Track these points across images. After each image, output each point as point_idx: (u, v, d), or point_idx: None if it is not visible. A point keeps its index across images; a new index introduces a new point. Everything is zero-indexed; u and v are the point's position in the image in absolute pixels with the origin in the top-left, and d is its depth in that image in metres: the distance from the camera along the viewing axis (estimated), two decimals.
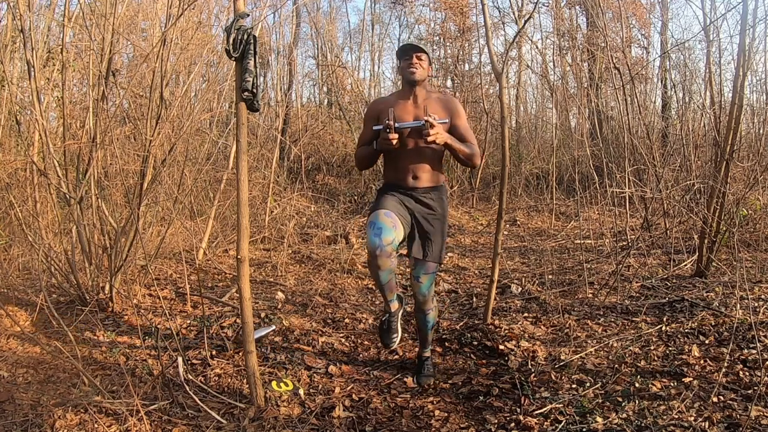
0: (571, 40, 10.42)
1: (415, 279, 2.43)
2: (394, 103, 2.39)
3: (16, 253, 3.68)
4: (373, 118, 2.43)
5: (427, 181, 2.38)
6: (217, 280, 4.26)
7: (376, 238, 2.12)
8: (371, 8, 14.29)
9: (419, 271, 2.41)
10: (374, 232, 2.14)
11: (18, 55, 4.29)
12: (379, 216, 2.19)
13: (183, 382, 2.30)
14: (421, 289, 2.43)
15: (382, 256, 2.13)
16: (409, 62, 2.33)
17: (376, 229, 2.14)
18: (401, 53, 2.37)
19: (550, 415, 2.11)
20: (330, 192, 8.50)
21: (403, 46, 2.38)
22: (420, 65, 2.34)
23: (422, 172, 2.38)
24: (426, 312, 2.52)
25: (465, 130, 2.40)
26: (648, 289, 3.70)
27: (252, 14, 4.33)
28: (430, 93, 2.42)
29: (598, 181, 6.50)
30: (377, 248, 2.12)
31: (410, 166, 2.37)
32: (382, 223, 2.16)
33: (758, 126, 6.65)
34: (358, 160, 2.52)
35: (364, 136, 2.48)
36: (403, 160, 2.38)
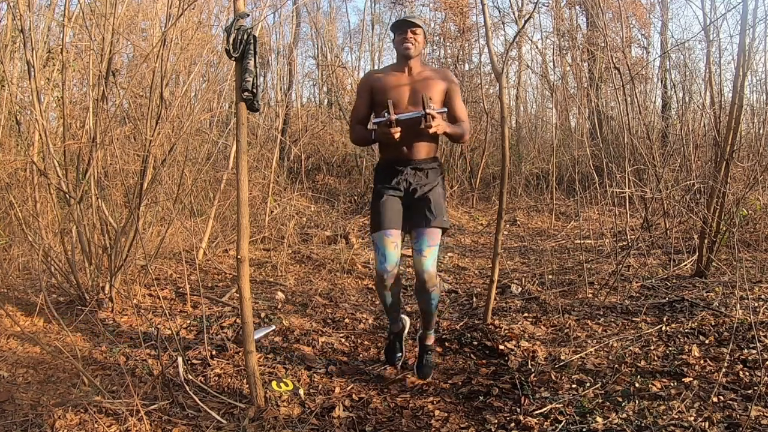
0: (571, 40, 10.42)
1: (418, 252, 2.31)
2: (389, 76, 2.40)
3: (16, 253, 3.68)
4: (366, 91, 2.44)
5: (422, 154, 2.41)
6: (217, 280, 4.26)
7: (383, 265, 2.30)
8: (371, 8, 14.30)
9: (422, 243, 2.31)
10: (380, 259, 2.31)
11: (18, 55, 4.28)
12: (383, 241, 2.31)
13: (183, 382, 2.30)
14: (425, 264, 2.30)
15: (389, 279, 2.33)
16: (404, 37, 2.35)
17: (381, 256, 2.31)
18: (395, 28, 2.39)
19: (550, 415, 2.11)
20: (330, 192, 8.50)
21: (398, 21, 2.39)
22: (415, 39, 2.35)
23: (418, 146, 2.39)
24: (430, 290, 2.37)
25: (459, 108, 2.45)
26: (648, 289, 3.70)
27: (252, 14, 4.33)
28: (425, 66, 2.45)
29: (598, 181, 6.50)
30: (384, 273, 2.31)
31: (406, 144, 2.38)
32: (386, 248, 2.30)
33: (758, 126, 6.66)
34: (355, 139, 2.54)
35: (359, 108, 2.48)
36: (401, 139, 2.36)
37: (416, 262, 2.34)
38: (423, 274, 2.32)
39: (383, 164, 2.49)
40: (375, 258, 2.36)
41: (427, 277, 2.32)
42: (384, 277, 2.31)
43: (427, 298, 2.42)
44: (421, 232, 2.33)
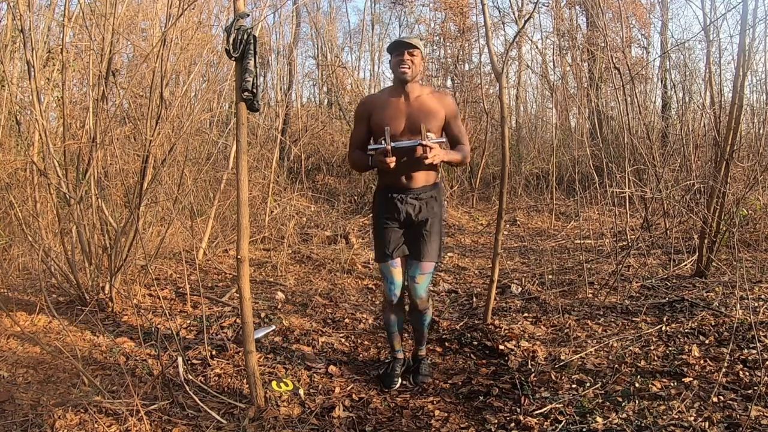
0: (571, 40, 10.42)
1: (411, 279, 2.43)
2: (386, 102, 2.34)
3: (16, 253, 3.68)
4: (364, 117, 2.39)
5: (421, 181, 2.37)
6: (217, 280, 4.26)
7: (392, 291, 2.46)
8: (371, 8, 14.31)
9: (416, 271, 2.41)
10: (390, 287, 2.46)
11: (18, 55, 4.28)
12: (390, 270, 2.44)
13: (183, 382, 2.30)
14: (417, 290, 2.43)
15: (396, 304, 2.50)
16: (401, 59, 2.26)
17: (390, 284, 2.45)
18: (391, 49, 2.30)
19: (550, 415, 2.11)
20: (330, 192, 8.50)
21: (394, 42, 2.29)
22: (412, 62, 2.26)
23: (417, 176, 2.37)
24: (423, 311, 2.53)
25: (459, 131, 2.42)
26: (648, 289, 3.70)
27: (252, 14, 4.33)
28: (423, 89, 2.37)
29: (598, 181, 6.50)
30: (394, 298, 2.47)
31: (404, 171, 2.36)
32: (393, 277, 2.44)
33: (758, 126, 6.66)
34: (353, 165, 2.54)
35: (356, 135, 2.45)
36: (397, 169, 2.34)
37: (410, 286, 2.48)
38: (416, 299, 2.47)
39: (382, 190, 2.47)
40: (384, 285, 2.50)
41: (419, 302, 2.48)
42: (393, 301, 2.48)
43: (419, 318, 2.57)
44: (415, 262, 2.42)
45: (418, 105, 2.31)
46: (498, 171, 6.90)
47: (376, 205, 2.48)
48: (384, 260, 2.44)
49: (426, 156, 2.20)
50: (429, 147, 2.19)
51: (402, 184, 2.36)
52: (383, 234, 2.43)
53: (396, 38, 2.37)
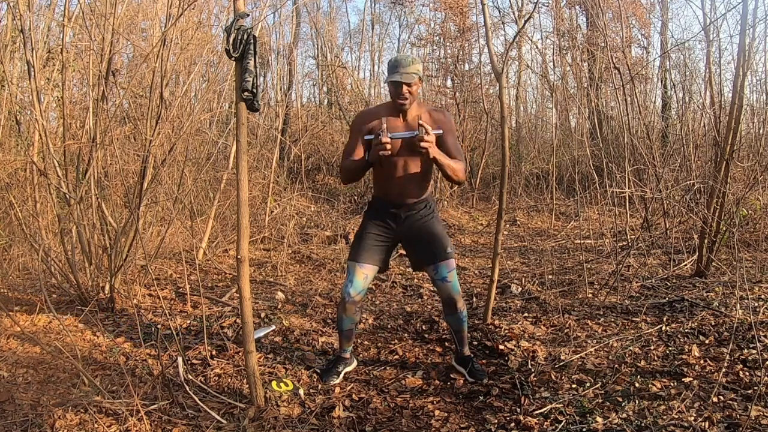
0: (571, 40, 10.42)
1: (443, 281, 2.46)
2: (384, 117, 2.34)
3: (16, 253, 3.68)
4: (360, 130, 2.39)
5: (414, 195, 2.45)
6: (217, 280, 4.26)
7: (348, 289, 2.44)
8: (371, 8, 14.33)
9: (443, 272, 2.45)
10: (347, 284, 2.45)
11: (18, 55, 4.28)
12: (355, 270, 2.44)
13: (183, 382, 2.30)
14: (452, 288, 2.46)
15: (350, 305, 2.46)
16: (399, 92, 2.28)
17: (349, 281, 2.45)
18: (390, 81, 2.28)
19: (550, 415, 2.11)
20: (330, 192, 8.50)
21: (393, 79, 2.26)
22: (410, 92, 2.29)
23: (411, 187, 2.43)
24: (459, 310, 2.52)
25: (453, 147, 2.40)
26: (648, 289, 3.70)
27: (252, 14, 4.33)
28: (420, 108, 2.39)
29: (598, 181, 6.51)
30: (347, 297, 2.44)
31: (399, 181, 2.39)
32: (355, 277, 2.44)
33: (758, 126, 6.66)
34: (345, 173, 2.47)
35: (350, 147, 2.43)
36: (392, 175, 2.39)
37: (443, 289, 2.49)
38: (452, 298, 2.49)
39: (376, 200, 2.52)
40: (344, 281, 2.49)
41: (456, 298, 2.50)
42: (346, 300, 2.44)
43: (458, 318, 2.55)
44: (438, 265, 2.45)
45: (415, 124, 2.33)
46: (498, 171, 6.90)
47: (371, 209, 2.55)
48: (352, 258, 2.45)
49: (422, 138, 2.18)
50: (426, 131, 2.19)
51: (395, 197, 2.44)
52: (366, 235, 2.47)
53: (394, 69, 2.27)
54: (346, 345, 2.63)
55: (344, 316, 2.52)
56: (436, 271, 2.46)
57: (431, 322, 3.30)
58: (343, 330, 2.57)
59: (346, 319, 2.53)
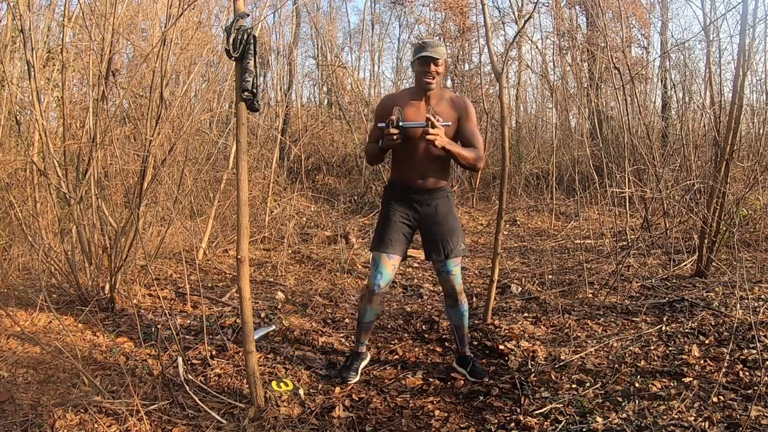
0: (571, 40, 10.42)
1: (447, 273, 2.48)
2: (406, 102, 2.40)
3: (16, 253, 3.68)
4: (383, 114, 2.42)
5: (432, 183, 2.45)
6: (217, 280, 4.26)
7: (377, 281, 2.43)
8: (371, 8, 14.32)
9: (450, 266, 2.47)
10: (376, 276, 2.43)
11: (18, 55, 4.28)
12: (383, 260, 2.43)
13: (183, 382, 2.30)
14: (454, 282, 2.49)
15: (377, 296, 2.47)
16: (427, 71, 2.33)
17: (378, 273, 2.43)
18: (421, 60, 2.33)
19: (550, 415, 2.11)
20: (330, 192, 8.50)
21: (423, 55, 2.31)
22: (437, 72, 2.34)
23: (428, 174, 2.43)
24: (461, 304, 2.55)
25: (471, 133, 2.43)
26: (648, 289, 3.70)
27: (252, 14, 4.33)
28: (443, 93, 2.45)
29: (598, 181, 6.50)
30: (377, 288, 2.44)
31: (417, 166, 2.42)
32: (384, 268, 2.43)
33: (758, 126, 6.67)
34: (367, 156, 2.60)
35: (373, 132, 2.51)
36: (410, 160, 2.42)
37: (445, 281, 2.52)
38: (454, 290, 2.52)
39: (394, 185, 2.53)
40: (371, 273, 2.47)
41: (458, 290, 2.53)
42: (376, 292, 2.44)
43: (459, 312, 2.58)
44: (446, 259, 2.46)
45: (437, 108, 2.37)
46: (498, 171, 6.90)
47: (388, 195, 2.54)
48: (381, 249, 2.43)
49: (428, 131, 2.19)
50: (433, 123, 2.20)
51: (415, 184, 2.44)
52: (388, 225, 2.46)
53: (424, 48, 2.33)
54: (364, 338, 2.62)
55: (369, 308, 2.51)
56: (443, 264, 2.47)
57: (431, 322, 3.30)
58: (365, 322, 2.56)
59: (370, 311, 2.52)
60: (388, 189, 2.57)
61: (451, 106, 2.41)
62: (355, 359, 2.60)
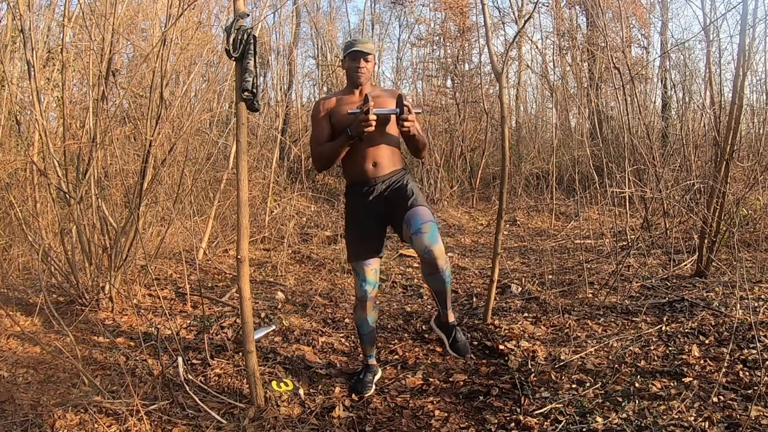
0: (571, 40, 10.42)
1: (417, 232, 2.16)
2: (344, 102, 2.40)
3: (16, 253, 3.68)
4: (324, 117, 2.42)
5: (387, 167, 2.38)
6: (217, 280, 4.26)
7: (364, 288, 2.38)
8: (371, 8, 14.28)
9: (417, 222, 2.18)
10: (361, 284, 2.39)
11: (18, 55, 4.29)
12: (362, 268, 2.38)
13: (183, 382, 2.30)
14: (426, 239, 2.14)
15: (369, 302, 2.42)
16: (357, 65, 2.36)
17: (362, 281, 2.39)
18: (348, 54, 2.36)
19: (550, 415, 2.11)
20: (330, 192, 8.50)
21: (351, 49, 2.35)
22: (366, 68, 2.37)
23: (381, 158, 2.37)
24: (441, 269, 2.22)
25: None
26: (648, 289, 3.70)
27: (252, 14, 4.33)
28: (375, 89, 2.46)
29: (598, 181, 6.50)
30: (366, 295, 2.39)
31: (369, 155, 2.36)
32: (366, 275, 2.38)
33: (758, 126, 6.66)
34: (318, 159, 2.43)
35: (318, 136, 2.43)
36: (361, 151, 2.35)
37: (417, 242, 2.16)
38: (429, 251, 2.15)
39: (352, 188, 2.46)
40: (355, 283, 2.42)
41: (436, 253, 2.16)
42: (366, 298, 2.39)
43: (439, 278, 2.27)
44: (410, 214, 2.23)
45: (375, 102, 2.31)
46: (498, 171, 6.90)
47: (348, 204, 2.49)
48: (357, 259, 2.39)
49: (406, 118, 2.22)
50: (409, 109, 2.22)
51: (370, 173, 2.36)
52: (356, 234, 2.43)
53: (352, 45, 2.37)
54: (370, 351, 2.55)
55: (365, 317, 2.46)
56: (408, 224, 2.19)
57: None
58: (366, 333, 2.50)
59: (367, 320, 2.46)
60: (348, 194, 2.49)
61: (391, 96, 2.41)
62: (368, 372, 2.52)
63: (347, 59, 2.38)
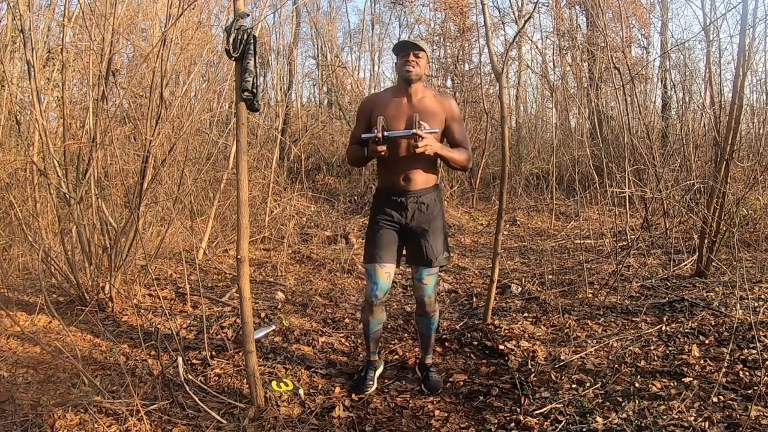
0: (571, 40, 10.42)
1: (418, 281, 2.40)
2: (388, 101, 2.34)
3: (16, 253, 3.68)
4: (366, 114, 2.39)
5: (420, 183, 2.35)
6: (217, 280, 4.26)
7: (374, 292, 2.37)
8: (371, 8, 14.31)
9: (422, 273, 2.38)
10: (372, 287, 2.37)
11: (18, 55, 4.28)
12: (377, 271, 2.36)
13: (183, 382, 2.30)
14: (426, 291, 2.41)
15: (377, 306, 2.42)
16: (406, 60, 2.27)
17: (373, 284, 2.37)
18: (398, 50, 2.32)
19: (550, 415, 2.11)
20: (330, 192, 8.50)
21: (401, 43, 2.31)
22: (417, 63, 2.28)
23: (415, 174, 2.33)
24: (430, 315, 2.49)
25: (459, 133, 2.39)
26: (648, 289, 3.70)
27: (252, 14, 4.33)
28: (426, 91, 2.37)
29: (598, 181, 6.50)
30: (375, 300, 2.38)
31: (403, 169, 2.33)
32: (378, 278, 2.36)
33: (758, 126, 6.67)
34: (350, 159, 2.54)
35: (355, 132, 2.46)
36: (395, 164, 2.34)
37: (417, 288, 2.44)
38: (424, 299, 2.44)
39: (381, 192, 2.44)
40: (366, 285, 2.41)
41: (427, 302, 2.44)
42: (374, 303, 2.39)
43: (427, 323, 2.52)
44: (420, 267, 2.39)
45: (420, 106, 2.31)
46: (498, 171, 6.89)
47: (375, 206, 2.46)
48: (373, 261, 2.36)
49: (416, 145, 2.18)
50: (420, 136, 2.18)
51: (401, 186, 2.34)
52: (376, 236, 2.39)
53: (402, 40, 2.37)
54: (374, 347, 2.56)
55: (371, 320, 2.46)
56: (417, 270, 2.41)
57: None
58: (371, 333, 2.51)
59: (374, 322, 2.47)
60: (376, 196, 2.49)
61: (438, 102, 2.36)
62: (369, 369, 2.54)
63: (398, 57, 2.32)
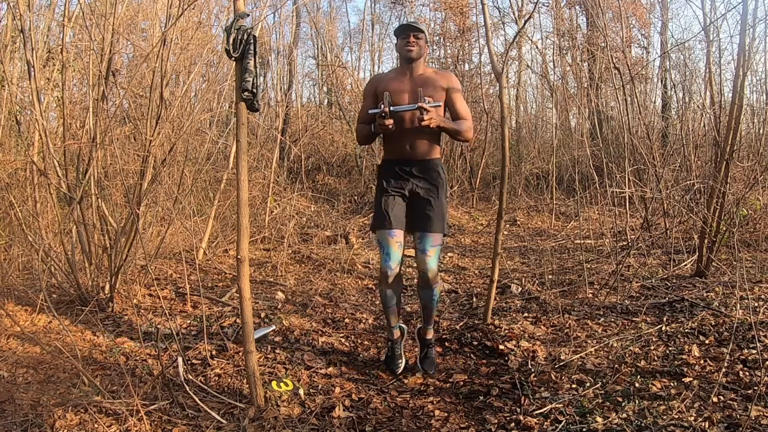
0: (571, 40, 10.42)
1: (422, 252, 2.44)
2: (392, 80, 2.51)
3: (16, 253, 3.67)
4: (371, 93, 2.55)
5: (425, 153, 2.49)
6: (217, 280, 4.26)
7: (388, 263, 2.42)
8: (371, 8, 14.32)
9: (426, 244, 2.44)
10: (385, 258, 2.43)
11: (18, 55, 4.29)
12: (387, 240, 2.43)
13: (183, 382, 2.30)
14: (429, 263, 2.44)
15: (392, 277, 2.45)
16: (407, 41, 2.45)
17: (386, 255, 2.43)
18: (398, 32, 2.49)
19: (550, 415, 2.11)
20: (330, 192, 8.50)
21: (402, 25, 2.49)
22: (417, 44, 2.46)
23: (420, 145, 2.48)
24: (433, 287, 2.52)
25: (461, 106, 2.53)
26: (648, 289, 3.70)
27: (252, 14, 4.33)
28: (427, 69, 2.54)
29: (598, 181, 6.50)
30: (389, 270, 2.43)
31: (408, 141, 2.48)
32: (391, 248, 2.43)
33: (758, 126, 6.66)
34: (359, 137, 2.69)
35: (362, 112, 2.61)
36: (401, 137, 2.48)
37: (420, 260, 2.46)
38: (427, 272, 2.45)
39: (386, 163, 2.57)
40: (380, 256, 2.48)
41: (430, 275, 2.46)
42: (388, 274, 2.43)
43: (430, 295, 2.55)
44: (425, 234, 2.45)
45: (422, 80, 2.48)
46: (498, 171, 6.90)
47: (381, 174, 2.58)
48: (381, 227, 2.44)
49: (422, 118, 2.30)
50: (425, 109, 2.31)
51: (406, 155, 2.48)
52: (384, 201, 2.48)
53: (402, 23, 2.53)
54: (395, 321, 2.62)
55: (388, 292, 2.51)
56: (420, 240, 2.45)
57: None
58: (390, 306, 2.56)
59: (391, 294, 2.52)
60: (381, 167, 2.61)
61: (439, 76, 2.51)
62: (395, 346, 2.61)
63: (397, 39, 2.49)
